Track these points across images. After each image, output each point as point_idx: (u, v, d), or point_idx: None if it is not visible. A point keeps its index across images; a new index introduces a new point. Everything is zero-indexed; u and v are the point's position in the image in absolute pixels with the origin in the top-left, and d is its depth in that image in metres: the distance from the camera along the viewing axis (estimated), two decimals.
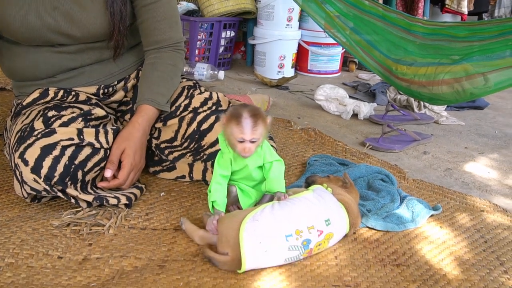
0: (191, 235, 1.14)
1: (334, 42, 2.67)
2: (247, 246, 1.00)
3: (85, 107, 1.28)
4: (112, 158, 1.24)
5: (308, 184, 1.27)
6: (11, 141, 1.24)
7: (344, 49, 3.00)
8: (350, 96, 2.33)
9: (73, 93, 1.32)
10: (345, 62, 3.22)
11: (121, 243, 1.11)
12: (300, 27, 2.93)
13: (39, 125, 1.17)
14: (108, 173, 1.23)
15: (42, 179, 1.11)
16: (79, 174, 1.18)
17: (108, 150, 1.24)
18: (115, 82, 1.41)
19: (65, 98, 1.31)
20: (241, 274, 1.01)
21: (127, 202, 1.25)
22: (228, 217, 1.09)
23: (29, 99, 1.31)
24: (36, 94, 1.31)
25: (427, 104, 2.28)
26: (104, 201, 1.22)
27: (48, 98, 1.30)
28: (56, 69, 1.32)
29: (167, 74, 1.37)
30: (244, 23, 3.12)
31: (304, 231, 1.04)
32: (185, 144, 1.36)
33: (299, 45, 2.95)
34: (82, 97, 1.33)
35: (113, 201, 1.23)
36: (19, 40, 1.26)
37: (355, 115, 2.18)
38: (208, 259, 1.04)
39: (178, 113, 1.36)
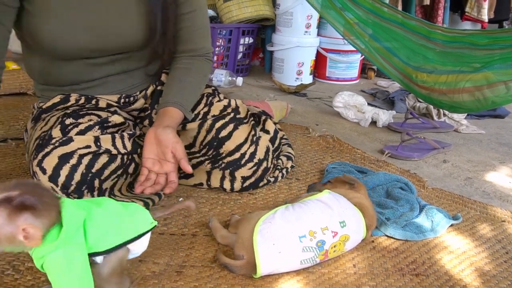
0: (214, 233, 1.16)
1: (353, 49, 2.67)
2: (261, 248, 1.00)
3: (103, 114, 1.28)
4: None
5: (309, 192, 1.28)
6: (30, 147, 1.25)
7: (363, 56, 2.99)
8: (368, 104, 2.32)
9: (94, 100, 1.33)
10: (364, 69, 3.21)
11: None
12: (318, 34, 2.93)
13: (56, 133, 1.18)
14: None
15: (59, 188, 1.12)
16: (96, 182, 1.18)
17: (125, 156, 1.24)
18: (137, 93, 1.42)
19: (85, 104, 1.32)
20: (258, 281, 1.01)
21: (145, 207, 1.25)
22: (244, 219, 1.10)
23: (49, 103, 1.32)
24: (57, 99, 1.32)
25: (446, 112, 2.26)
26: None
27: (68, 104, 1.31)
28: (82, 78, 1.33)
29: (196, 82, 1.38)
30: (263, 29, 3.12)
31: (318, 232, 1.04)
32: (204, 151, 1.36)
33: (318, 52, 2.95)
34: (102, 103, 1.34)
35: None
36: (51, 55, 1.27)
37: (373, 123, 2.17)
38: (224, 266, 1.04)
39: (197, 120, 1.37)
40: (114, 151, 1.21)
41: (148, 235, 0.92)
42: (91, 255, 0.83)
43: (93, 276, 0.82)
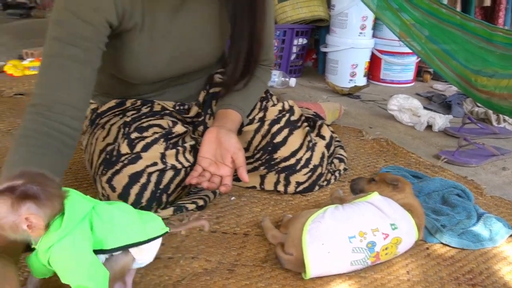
0: (265, 233, 1.16)
1: (409, 51, 2.61)
2: (310, 248, 0.99)
3: (164, 123, 1.28)
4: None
5: (354, 190, 1.25)
6: (94, 158, 1.26)
7: (419, 59, 2.92)
8: (424, 107, 2.26)
9: (149, 104, 1.35)
10: (419, 72, 3.13)
11: (192, 244, 1.13)
12: (374, 36, 2.89)
13: (125, 149, 1.19)
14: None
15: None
16: (164, 197, 1.21)
17: (188, 168, 1.24)
18: (193, 102, 1.43)
19: (141, 108, 1.34)
20: (309, 283, 1.01)
21: (203, 204, 1.27)
22: (294, 218, 1.10)
23: (104, 108, 1.35)
24: (112, 104, 1.35)
25: (507, 118, 2.17)
26: (184, 209, 1.25)
27: (123, 108, 1.34)
28: (143, 92, 1.36)
29: (258, 89, 1.37)
30: (317, 30, 3.10)
31: (368, 233, 1.02)
32: (257, 155, 1.36)
33: (372, 53, 2.91)
34: (157, 107, 1.35)
35: (191, 207, 1.25)
36: (125, 79, 1.29)
37: (429, 127, 2.12)
38: (276, 257, 1.06)
39: (254, 123, 1.37)
40: (179, 166, 1.22)
41: (158, 244, 0.89)
42: (95, 253, 0.81)
43: None
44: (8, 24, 3.97)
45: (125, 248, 0.84)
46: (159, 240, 0.90)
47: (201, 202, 1.27)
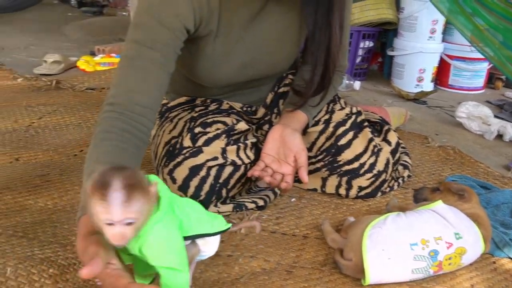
0: (325, 236, 1.16)
1: (480, 57, 2.52)
2: (370, 253, 0.98)
3: (228, 120, 1.30)
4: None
5: (417, 200, 1.21)
6: (159, 150, 1.31)
7: (491, 65, 2.81)
8: (495, 116, 2.17)
9: (217, 102, 1.38)
10: (491, 79, 3.01)
11: (251, 243, 1.14)
12: (443, 40, 2.80)
13: (187, 142, 1.23)
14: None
15: (188, 197, 1.16)
16: (224, 192, 1.23)
17: (248, 165, 1.26)
18: (260, 105, 1.45)
19: (209, 104, 1.37)
20: None
21: (263, 204, 1.28)
22: (354, 223, 1.10)
23: (174, 103, 1.39)
24: (183, 100, 1.39)
25: None
26: (243, 208, 1.26)
27: (193, 104, 1.38)
28: (214, 94, 1.39)
29: (329, 94, 1.36)
30: (384, 33, 3.05)
31: (431, 241, 0.99)
32: (320, 157, 1.36)
33: (441, 58, 2.82)
34: (225, 106, 1.38)
35: (251, 206, 1.27)
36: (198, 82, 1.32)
37: (499, 136, 2.03)
38: (335, 262, 1.05)
39: (319, 125, 1.37)
40: (239, 162, 1.24)
41: (219, 238, 0.93)
42: None
43: None
44: (82, 21, 4.14)
45: (195, 238, 0.88)
46: (219, 236, 0.93)
47: (261, 202, 1.28)
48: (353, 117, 1.37)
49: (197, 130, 1.25)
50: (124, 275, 0.78)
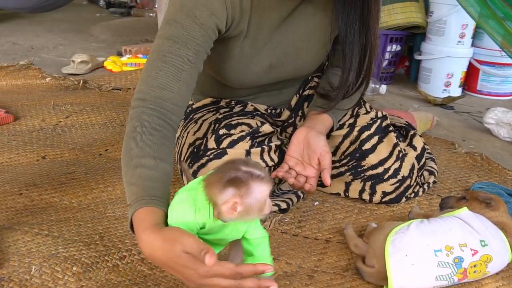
0: (348, 241, 1.15)
1: (510, 62, 2.47)
2: (393, 259, 0.97)
3: (253, 122, 1.30)
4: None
5: (442, 209, 1.20)
6: (183, 151, 1.31)
7: None
8: None
9: (242, 104, 1.38)
10: None
11: (273, 246, 1.12)
12: (473, 45, 2.76)
13: (212, 144, 1.23)
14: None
15: None
16: None
17: (272, 168, 1.26)
18: (285, 107, 1.45)
19: (234, 106, 1.37)
20: None
21: (286, 207, 1.27)
22: (376, 230, 1.08)
23: (199, 104, 1.40)
24: (207, 101, 1.40)
25: None
26: None
27: (218, 105, 1.38)
28: (239, 95, 1.39)
29: (354, 97, 1.33)
30: (411, 37, 3.01)
31: (456, 248, 0.98)
32: (344, 161, 1.34)
33: (470, 63, 2.78)
34: (249, 108, 1.38)
35: (273, 209, 1.26)
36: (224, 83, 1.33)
37: None
38: (356, 269, 1.04)
39: (343, 128, 1.36)
40: (263, 164, 1.24)
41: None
42: None
43: None
44: (109, 22, 4.19)
45: None
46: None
47: (284, 205, 1.27)
48: (378, 121, 1.36)
49: (221, 132, 1.25)
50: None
